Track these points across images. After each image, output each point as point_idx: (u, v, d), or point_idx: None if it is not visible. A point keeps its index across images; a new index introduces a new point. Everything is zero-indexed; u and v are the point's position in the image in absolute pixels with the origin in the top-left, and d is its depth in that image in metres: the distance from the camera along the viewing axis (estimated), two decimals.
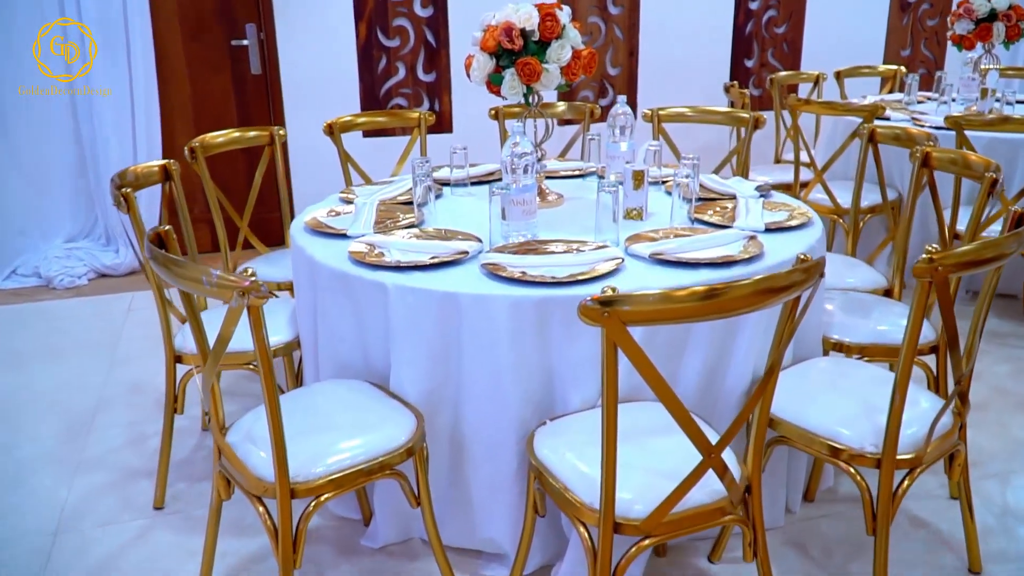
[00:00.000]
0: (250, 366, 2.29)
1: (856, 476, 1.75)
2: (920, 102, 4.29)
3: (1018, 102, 4.20)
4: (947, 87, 3.83)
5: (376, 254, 2.01)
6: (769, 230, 2.15)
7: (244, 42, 4.44)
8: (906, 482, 1.74)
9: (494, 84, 2.32)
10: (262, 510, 1.69)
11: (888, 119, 3.78)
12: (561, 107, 3.58)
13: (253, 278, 1.41)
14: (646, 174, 2.26)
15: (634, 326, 1.34)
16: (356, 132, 3.31)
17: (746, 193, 2.47)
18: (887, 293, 2.61)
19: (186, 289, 1.56)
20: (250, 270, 1.43)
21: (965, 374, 1.73)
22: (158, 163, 2.37)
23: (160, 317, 2.23)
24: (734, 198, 2.46)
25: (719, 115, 3.26)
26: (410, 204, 2.44)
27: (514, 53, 2.26)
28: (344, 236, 2.19)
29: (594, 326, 1.32)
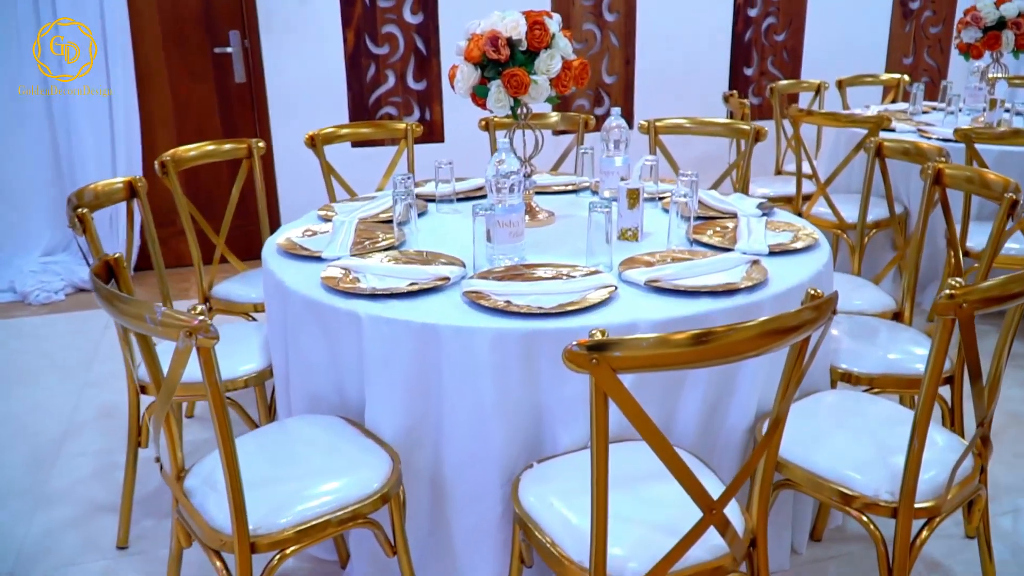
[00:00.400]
0: None
1: (869, 525, 1.61)
2: (925, 112, 4.16)
3: None
4: (954, 97, 3.69)
5: (351, 279, 1.87)
6: (773, 253, 2.01)
7: (228, 49, 4.30)
8: (924, 532, 1.60)
9: (479, 96, 2.18)
10: (219, 565, 1.54)
11: (893, 130, 3.65)
12: (554, 118, 3.44)
13: (202, 317, 1.27)
14: (641, 192, 2.13)
15: (626, 373, 1.20)
16: (343, 143, 3.17)
17: (747, 211, 2.34)
18: (896, 316, 2.47)
19: (130, 327, 1.41)
20: (199, 308, 1.28)
21: (988, 417, 1.59)
22: (122, 180, 2.24)
23: (121, 345, 2.08)
24: (735, 217, 2.32)
25: (719, 127, 3.13)
26: (391, 223, 2.30)
27: (500, 64, 2.13)
28: (319, 259, 2.04)
29: (581, 373, 1.18)
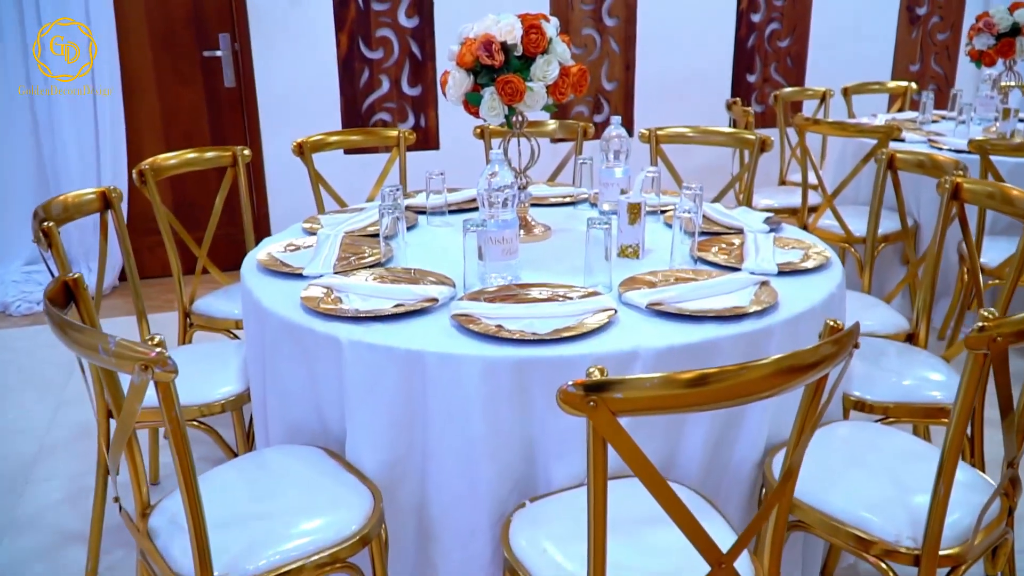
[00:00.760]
0: (194, 423, 2.02)
1: (889, 573, 1.48)
2: (935, 121, 4.04)
3: None
4: (965, 106, 3.58)
5: (332, 300, 1.75)
6: (782, 273, 1.89)
7: (217, 53, 4.18)
8: None
9: (472, 104, 2.06)
10: None
11: (903, 140, 3.53)
12: (552, 125, 3.32)
13: (159, 349, 1.14)
14: (643, 207, 2.01)
15: (627, 416, 1.07)
16: (334, 150, 3.05)
17: (754, 227, 2.22)
18: (909, 337, 2.35)
19: (84, 358, 1.29)
20: (157, 338, 1.16)
21: (1020, 456, 1.46)
22: (94, 190, 2.12)
23: (89, 365, 1.96)
24: (741, 232, 2.20)
25: (723, 136, 3.01)
26: (378, 237, 2.18)
27: (494, 70, 2.00)
28: (300, 276, 1.92)
29: (578, 416, 1.06)
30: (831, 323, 1.21)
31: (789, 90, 4.33)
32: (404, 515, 1.66)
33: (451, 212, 2.46)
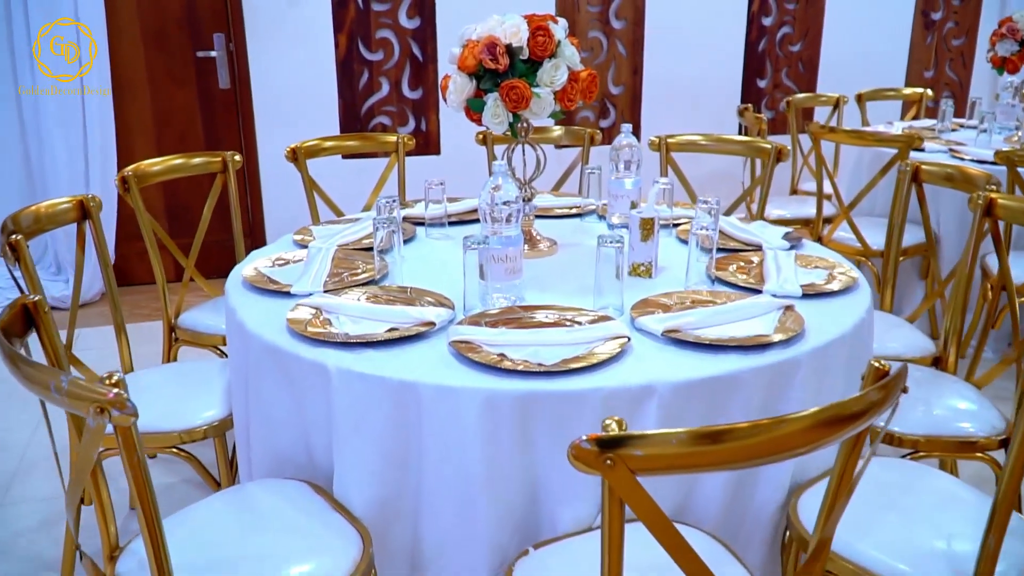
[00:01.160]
0: (173, 449, 1.89)
1: None
2: (953, 130, 3.91)
3: None
4: (988, 115, 3.44)
5: (321, 322, 1.61)
6: (806, 295, 1.76)
7: (211, 53, 4.05)
8: None
9: (474, 111, 1.93)
10: None
11: (923, 150, 3.40)
12: (557, 132, 3.19)
13: (117, 390, 1.01)
14: (656, 223, 1.87)
15: (648, 476, 0.94)
16: (330, 156, 2.92)
17: (774, 243, 2.08)
18: (935, 361, 2.22)
19: (39, 396, 1.16)
20: (116, 376, 1.03)
21: None
22: (71, 199, 1.99)
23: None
24: (759, 249, 2.07)
25: (737, 145, 2.87)
26: (373, 251, 2.05)
27: (498, 74, 1.87)
28: (287, 294, 1.79)
29: (592, 475, 0.93)
30: (876, 363, 1.08)
31: (802, 96, 4.20)
32: (396, 559, 1.53)
33: (451, 223, 2.33)
